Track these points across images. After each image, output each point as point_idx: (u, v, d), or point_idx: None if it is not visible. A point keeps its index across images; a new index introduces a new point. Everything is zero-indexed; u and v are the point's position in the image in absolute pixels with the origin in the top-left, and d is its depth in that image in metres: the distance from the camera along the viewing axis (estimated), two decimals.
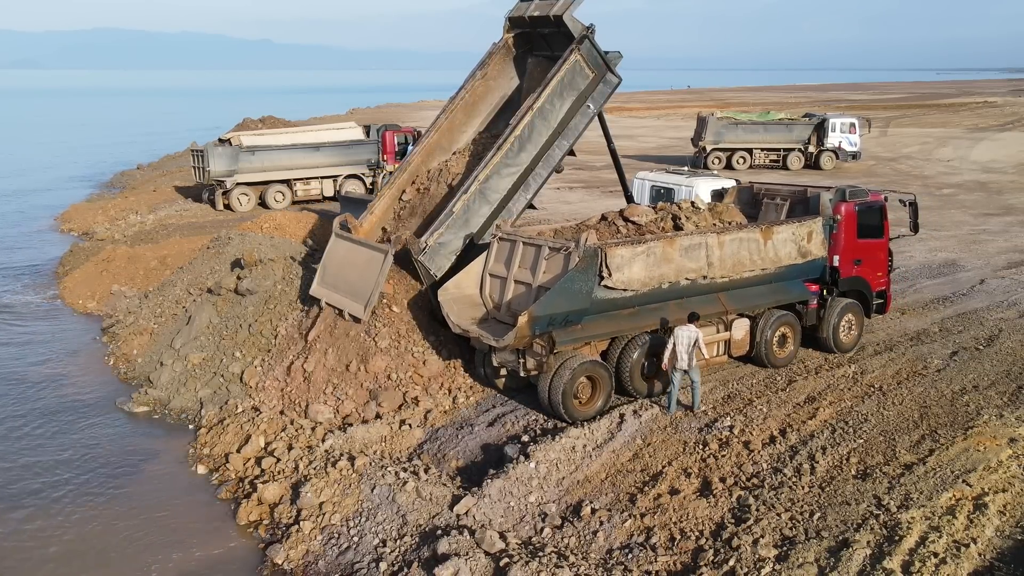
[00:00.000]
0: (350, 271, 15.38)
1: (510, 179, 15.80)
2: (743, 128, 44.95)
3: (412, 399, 14.15)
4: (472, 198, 15.41)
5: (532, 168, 16.05)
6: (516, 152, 15.71)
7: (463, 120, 17.69)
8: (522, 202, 16.34)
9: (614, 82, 16.58)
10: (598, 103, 16.53)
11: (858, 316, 16.32)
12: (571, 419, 13.06)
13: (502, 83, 18.00)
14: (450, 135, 17.61)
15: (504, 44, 17.81)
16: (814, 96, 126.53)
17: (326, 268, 15.96)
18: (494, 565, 9.71)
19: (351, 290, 15.13)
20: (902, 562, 9.26)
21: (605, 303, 13.25)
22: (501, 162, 15.58)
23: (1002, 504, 10.39)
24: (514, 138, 15.62)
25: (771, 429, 12.76)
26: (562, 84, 15.89)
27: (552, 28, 16.69)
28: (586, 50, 15.93)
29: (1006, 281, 21.32)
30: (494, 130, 17.52)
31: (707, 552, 9.87)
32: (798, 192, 16.71)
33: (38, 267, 26.61)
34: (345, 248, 15.93)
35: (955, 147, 54.24)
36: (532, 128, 15.77)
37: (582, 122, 16.46)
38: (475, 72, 17.66)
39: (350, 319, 15.00)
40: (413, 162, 17.41)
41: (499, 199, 15.78)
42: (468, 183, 15.46)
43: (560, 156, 16.48)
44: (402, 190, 17.35)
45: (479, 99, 17.81)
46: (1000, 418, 12.83)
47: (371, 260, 15.07)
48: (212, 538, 11.36)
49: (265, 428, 13.61)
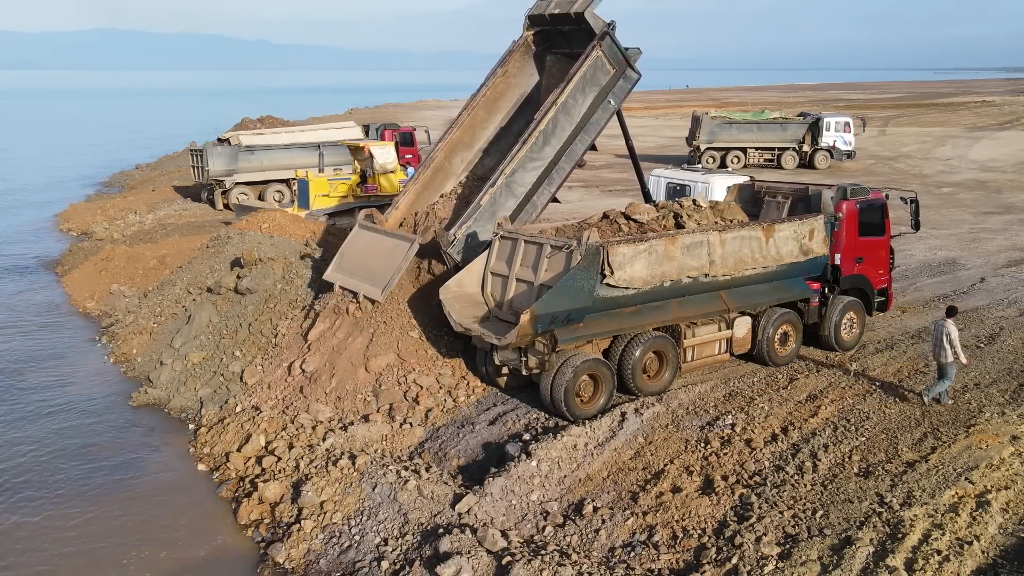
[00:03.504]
0: (371, 258, 15.69)
1: (535, 172, 16.13)
2: (737, 127, 44.91)
3: (413, 397, 14.12)
4: (499, 191, 15.72)
5: (556, 162, 16.36)
6: (540, 146, 16.03)
7: (484, 117, 18.02)
8: (546, 196, 16.63)
9: (634, 78, 16.85)
10: (619, 98, 16.81)
11: (860, 314, 16.31)
12: (573, 417, 13.03)
13: (522, 80, 18.30)
14: (472, 131, 17.93)
15: (524, 42, 18.08)
16: (812, 96, 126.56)
17: (344, 255, 16.24)
18: (496, 563, 9.68)
19: (369, 275, 15.42)
20: (905, 560, 9.24)
21: (607, 301, 13.23)
22: (526, 156, 15.89)
23: (1004, 501, 10.38)
24: (539, 132, 15.91)
25: (773, 427, 12.74)
26: (584, 80, 16.15)
27: (572, 25, 16.94)
28: (607, 46, 16.19)
29: (1006, 279, 21.31)
30: (514, 127, 17.83)
31: (710, 550, 9.85)
32: (799, 190, 16.71)
33: (37, 267, 26.58)
34: (367, 238, 16.23)
35: (954, 146, 54.23)
36: (556, 123, 16.07)
37: (603, 117, 16.75)
38: (496, 69, 17.95)
39: (365, 301, 15.17)
40: (437, 158, 17.68)
41: (524, 192, 16.11)
42: (495, 176, 15.77)
43: (582, 150, 16.79)
44: (426, 186, 17.60)
45: (500, 96, 18.09)
46: (1002, 416, 12.82)
47: (395, 248, 15.42)
48: (213, 537, 11.33)
49: (265, 427, 13.58)
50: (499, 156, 17.15)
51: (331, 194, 25.88)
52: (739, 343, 15.10)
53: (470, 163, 18.03)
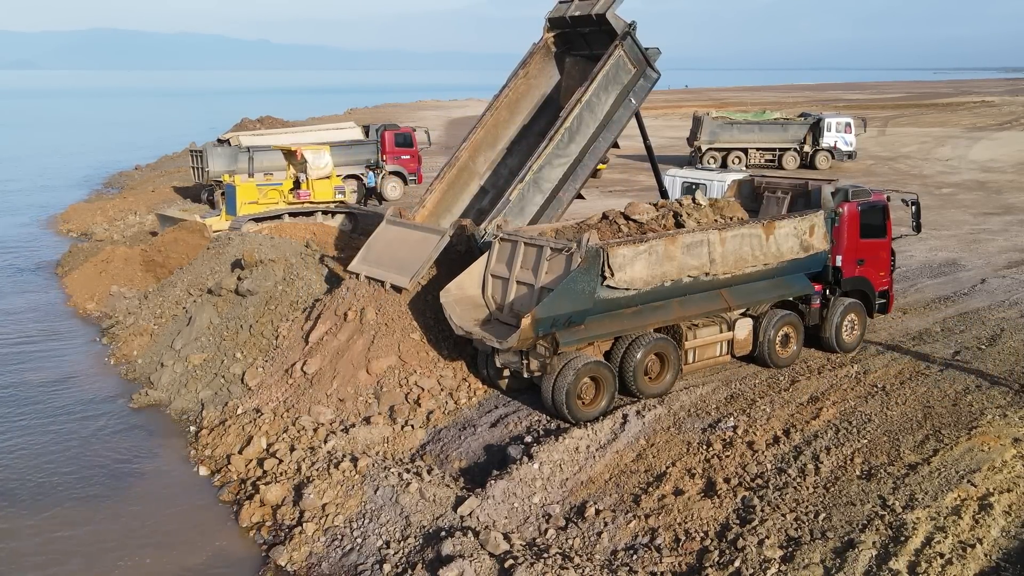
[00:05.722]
0: (399, 249, 16.02)
1: (561, 169, 16.53)
2: (738, 128, 44.93)
3: (414, 399, 14.10)
4: (527, 187, 16.11)
5: (580, 159, 16.75)
6: (566, 143, 16.41)
7: (507, 117, 18.36)
8: (571, 191, 17.00)
9: (654, 77, 17.19)
10: (639, 97, 17.12)
11: (861, 316, 16.30)
12: (574, 420, 13.01)
13: (542, 82, 18.63)
14: (495, 131, 18.27)
15: (544, 44, 18.43)
16: (812, 96, 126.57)
17: (370, 248, 16.56)
18: (499, 566, 9.67)
19: (397, 265, 15.74)
20: (908, 563, 9.24)
21: (608, 303, 13.22)
22: (553, 152, 16.29)
23: (1007, 504, 10.36)
24: (564, 129, 16.30)
25: (775, 429, 12.72)
26: (607, 79, 16.51)
27: (592, 27, 17.27)
28: (628, 46, 16.55)
29: (1007, 280, 21.31)
30: (535, 128, 18.24)
31: (712, 553, 9.84)
32: (799, 185, 16.68)
33: (37, 268, 26.55)
34: (395, 232, 16.58)
35: (954, 146, 54.24)
36: (580, 120, 16.45)
37: (625, 115, 17.10)
38: (517, 71, 18.27)
39: (391, 290, 15.47)
40: (462, 157, 17.96)
41: (551, 188, 16.53)
42: (523, 172, 16.13)
43: (605, 148, 17.21)
44: (451, 184, 17.90)
45: (521, 97, 18.44)
46: (1004, 418, 12.80)
47: (425, 240, 15.79)
48: (214, 540, 11.31)
49: (267, 429, 13.55)
50: (521, 156, 17.67)
51: (260, 200, 24.95)
52: (740, 345, 15.09)
53: (493, 162, 18.39)
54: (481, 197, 18.11)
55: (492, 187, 18.09)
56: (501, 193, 16.60)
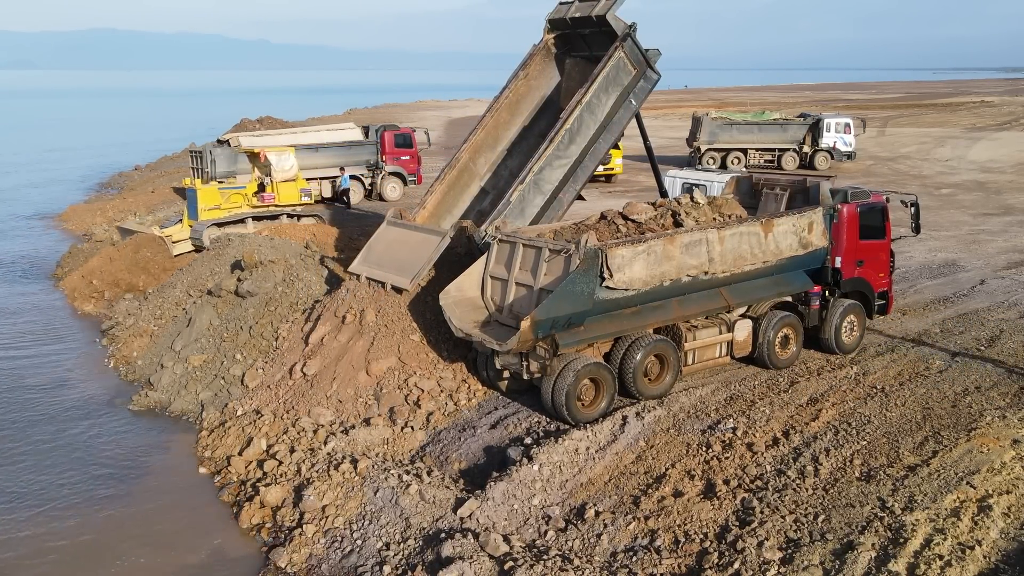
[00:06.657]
0: (400, 250, 16.12)
1: (561, 170, 16.57)
2: (738, 128, 44.92)
3: (414, 401, 14.11)
4: (527, 188, 16.14)
5: (580, 160, 16.78)
6: (567, 144, 16.44)
7: (507, 119, 18.43)
8: (571, 193, 17.05)
9: (654, 79, 17.21)
10: (639, 99, 17.16)
11: (860, 317, 16.31)
12: (574, 421, 13.02)
13: (542, 83, 18.68)
14: (496, 132, 18.32)
15: (544, 45, 18.47)
16: (811, 96, 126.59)
17: (371, 249, 16.64)
18: (498, 568, 9.68)
19: (397, 266, 15.83)
20: (907, 565, 9.25)
21: (607, 303, 13.23)
22: (553, 154, 16.32)
23: (1006, 506, 10.38)
24: (564, 131, 16.32)
25: (774, 430, 12.74)
26: (607, 80, 16.55)
27: (593, 28, 17.31)
28: (628, 47, 16.58)
29: (1006, 281, 21.31)
30: (535, 129, 18.28)
31: (711, 555, 9.85)
32: (797, 182, 16.67)
33: (37, 268, 26.54)
34: (396, 233, 16.68)
35: (953, 147, 54.23)
36: (581, 121, 16.49)
37: (625, 116, 17.15)
38: (517, 72, 18.30)
39: (392, 291, 15.52)
40: (462, 158, 17.98)
41: (551, 189, 16.57)
42: (523, 174, 16.15)
43: (605, 149, 17.23)
44: (451, 185, 17.96)
45: (521, 98, 18.48)
46: (1003, 419, 12.81)
47: (425, 241, 15.89)
48: (214, 541, 11.33)
49: (267, 431, 13.57)
50: (521, 157, 17.71)
51: (223, 205, 24.25)
52: (740, 346, 15.10)
53: (493, 164, 18.42)
54: (482, 198, 18.12)
55: (493, 188, 18.11)
56: (502, 194, 16.64)
